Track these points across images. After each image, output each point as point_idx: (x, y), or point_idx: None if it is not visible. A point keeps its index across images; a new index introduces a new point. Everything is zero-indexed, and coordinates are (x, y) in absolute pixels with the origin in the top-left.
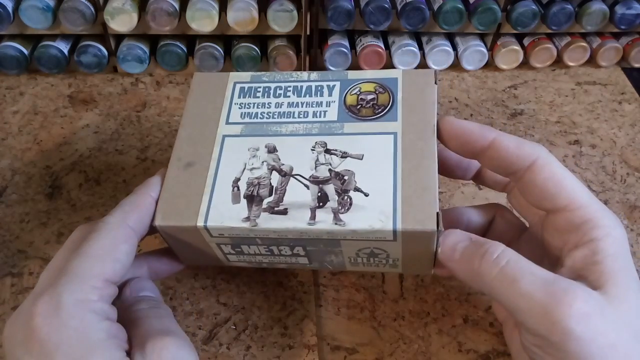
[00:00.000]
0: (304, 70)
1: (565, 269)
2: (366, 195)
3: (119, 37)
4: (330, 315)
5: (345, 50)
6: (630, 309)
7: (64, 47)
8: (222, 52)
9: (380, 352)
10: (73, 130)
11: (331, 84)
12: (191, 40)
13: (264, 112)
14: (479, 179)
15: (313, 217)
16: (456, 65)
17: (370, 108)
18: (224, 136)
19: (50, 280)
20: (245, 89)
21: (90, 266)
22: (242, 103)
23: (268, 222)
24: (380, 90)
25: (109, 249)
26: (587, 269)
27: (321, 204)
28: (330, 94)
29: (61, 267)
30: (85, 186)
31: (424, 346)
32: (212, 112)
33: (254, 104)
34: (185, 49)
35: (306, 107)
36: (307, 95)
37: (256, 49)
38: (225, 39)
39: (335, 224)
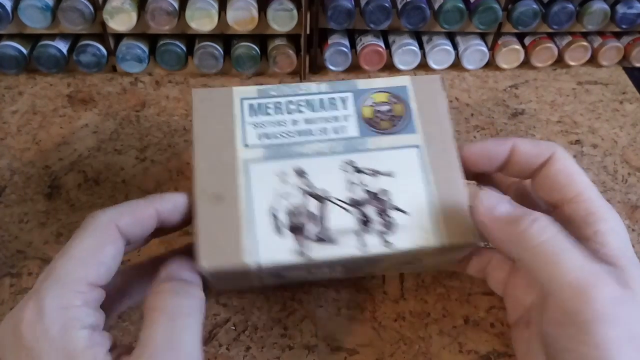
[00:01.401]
0: (304, 70)
1: None
2: (405, 213)
3: (118, 37)
4: (331, 316)
5: (346, 50)
6: None
7: (63, 46)
8: (221, 51)
9: (380, 352)
10: (72, 130)
11: (343, 95)
12: (191, 39)
13: (282, 132)
14: (478, 179)
15: (361, 242)
16: (457, 65)
17: (388, 120)
18: (246, 161)
19: (38, 284)
20: (255, 106)
21: (73, 269)
22: (256, 122)
23: (319, 253)
24: (394, 100)
25: (94, 250)
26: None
27: (366, 227)
28: (345, 107)
29: (48, 269)
30: (85, 186)
31: (425, 347)
32: (225, 134)
33: (268, 122)
34: (184, 49)
35: (324, 122)
36: (322, 110)
37: (256, 48)
38: (224, 38)
39: (385, 246)
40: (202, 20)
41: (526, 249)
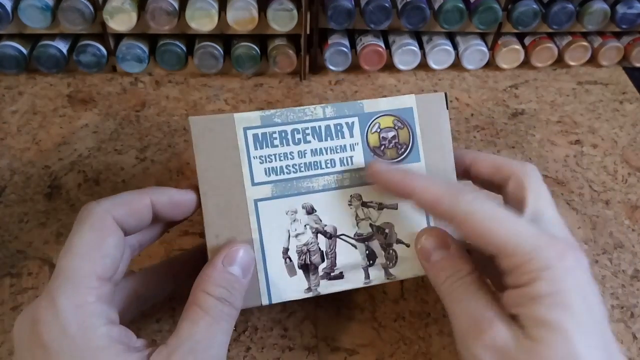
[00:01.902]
0: (304, 70)
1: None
2: (407, 246)
3: (118, 37)
4: (331, 316)
5: (346, 50)
6: (557, 354)
7: (63, 46)
8: (221, 51)
9: (380, 353)
10: (72, 130)
11: (349, 120)
12: (190, 39)
13: (290, 165)
14: (469, 177)
15: (367, 276)
16: (457, 65)
17: (393, 148)
18: (256, 201)
19: (49, 284)
20: (260, 137)
21: (79, 265)
22: (262, 156)
23: (328, 288)
24: (399, 125)
25: (95, 244)
26: (516, 309)
27: (371, 261)
28: (351, 134)
29: (56, 269)
30: (84, 186)
31: (425, 347)
32: (232, 171)
33: (275, 155)
34: (184, 49)
35: (331, 153)
36: (329, 138)
37: (256, 48)
38: (224, 38)
39: (387, 279)
40: (202, 20)
41: (440, 292)
